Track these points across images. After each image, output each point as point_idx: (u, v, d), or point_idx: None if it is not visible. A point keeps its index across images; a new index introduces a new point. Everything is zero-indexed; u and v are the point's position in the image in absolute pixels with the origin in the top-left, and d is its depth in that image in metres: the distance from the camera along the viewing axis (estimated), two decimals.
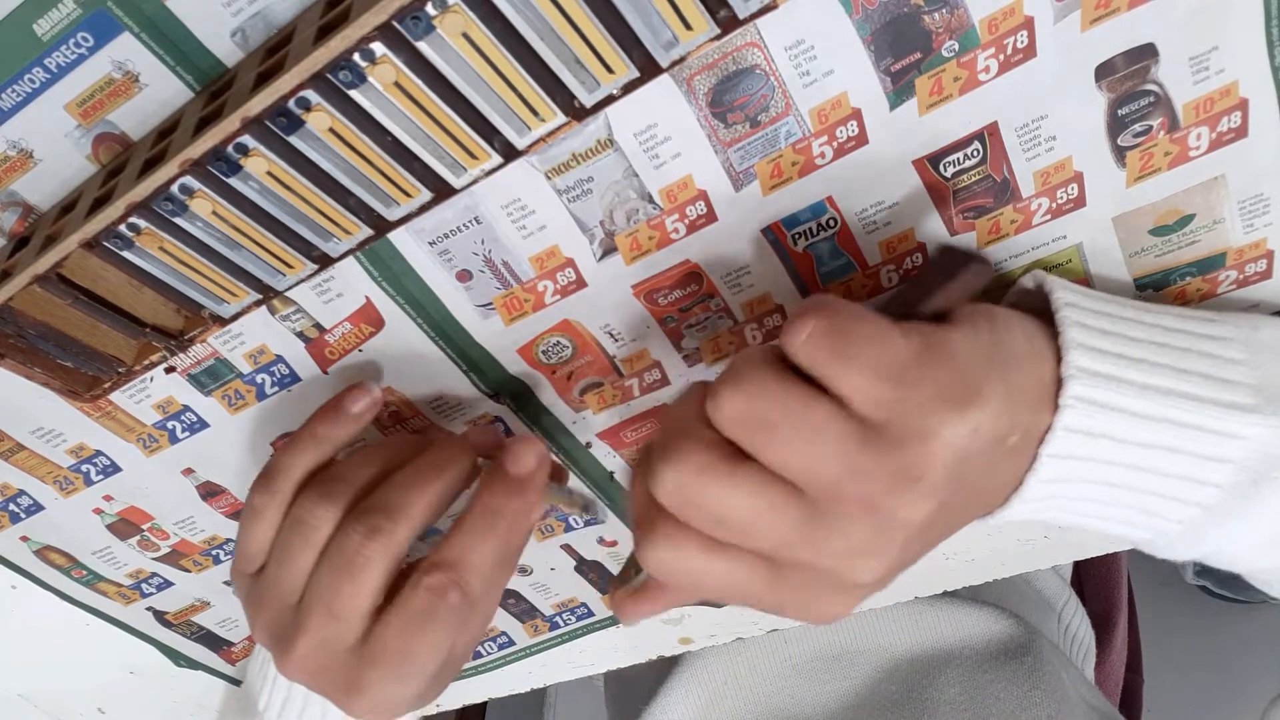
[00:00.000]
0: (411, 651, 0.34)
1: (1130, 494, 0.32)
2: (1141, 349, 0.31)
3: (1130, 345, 0.31)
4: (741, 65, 0.30)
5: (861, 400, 0.27)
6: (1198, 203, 0.33)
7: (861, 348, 0.27)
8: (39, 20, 0.28)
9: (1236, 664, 1.33)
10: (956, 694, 0.51)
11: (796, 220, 0.34)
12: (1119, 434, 0.31)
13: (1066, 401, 0.30)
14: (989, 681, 0.52)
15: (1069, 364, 0.30)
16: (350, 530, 0.33)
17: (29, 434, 0.41)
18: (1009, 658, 0.53)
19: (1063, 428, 0.30)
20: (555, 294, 0.36)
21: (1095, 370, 0.30)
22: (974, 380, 0.28)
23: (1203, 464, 0.31)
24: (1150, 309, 0.33)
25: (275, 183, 0.29)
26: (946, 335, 0.29)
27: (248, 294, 0.33)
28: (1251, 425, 0.30)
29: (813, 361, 0.27)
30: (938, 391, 0.27)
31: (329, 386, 0.39)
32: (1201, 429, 0.31)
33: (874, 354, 0.27)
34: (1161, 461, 0.31)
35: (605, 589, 0.50)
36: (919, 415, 0.27)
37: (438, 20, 0.26)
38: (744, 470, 0.28)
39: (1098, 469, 0.31)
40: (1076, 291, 0.32)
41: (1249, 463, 0.31)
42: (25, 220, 0.33)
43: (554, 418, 0.41)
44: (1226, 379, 0.31)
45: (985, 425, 0.28)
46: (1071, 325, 0.31)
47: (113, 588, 0.48)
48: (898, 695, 0.53)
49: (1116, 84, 0.30)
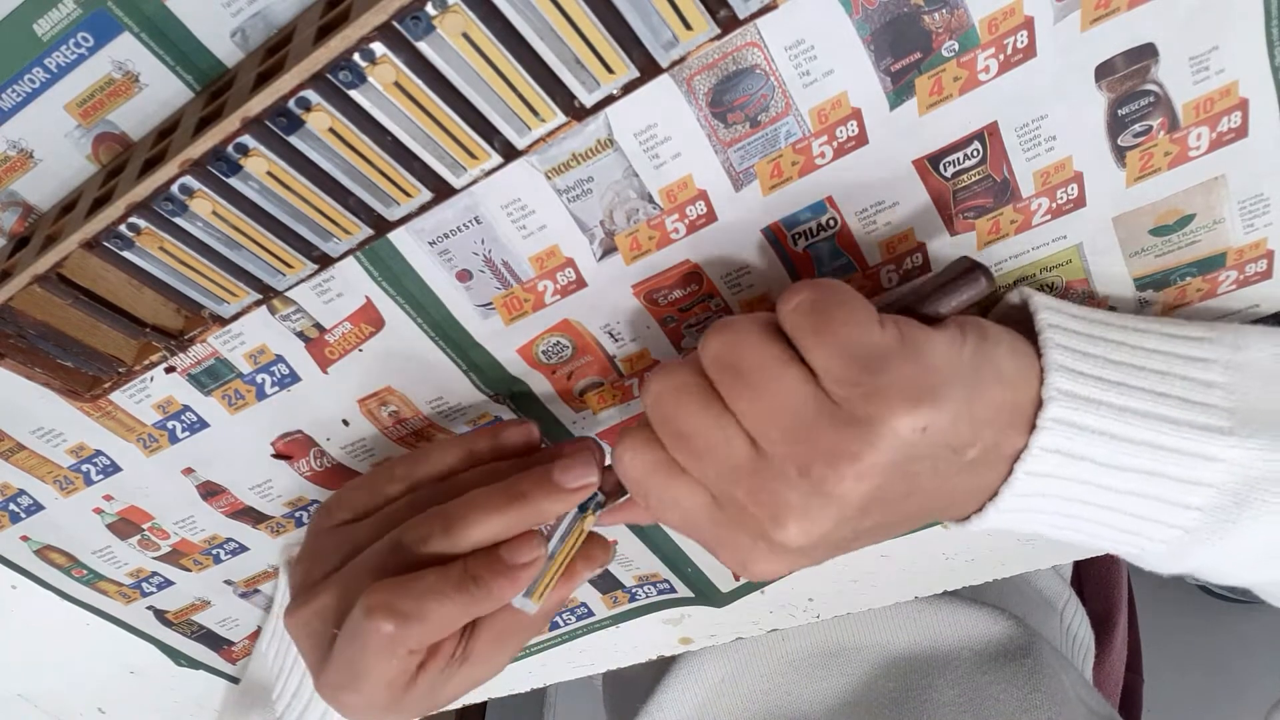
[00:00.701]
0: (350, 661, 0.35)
1: (1110, 514, 0.33)
2: (1121, 372, 0.32)
3: (1110, 368, 0.32)
4: (741, 65, 0.30)
5: (826, 375, 0.29)
6: (1198, 203, 0.33)
7: (839, 328, 0.29)
8: (39, 20, 0.28)
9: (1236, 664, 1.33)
10: (955, 695, 0.51)
11: (796, 220, 0.34)
12: (1097, 457, 0.31)
13: (1045, 423, 0.31)
14: (988, 683, 0.52)
15: (1049, 386, 0.31)
16: None
17: (29, 434, 0.41)
18: (1008, 660, 0.53)
19: (1039, 448, 0.31)
20: (555, 294, 0.36)
21: (1075, 393, 0.31)
22: (935, 383, 0.29)
23: (1181, 487, 0.32)
24: (1137, 327, 0.33)
25: (275, 183, 0.29)
26: (926, 336, 0.30)
27: (248, 294, 0.33)
28: (1228, 448, 0.31)
29: (795, 330, 0.30)
30: (896, 385, 0.29)
31: (329, 386, 0.39)
32: (1179, 451, 0.31)
33: (849, 337, 0.29)
34: (1140, 484, 0.32)
35: (605, 589, 0.50)
36: (873, 402, 0.29)
37: (438, 20, 0.26)
38: (718, 405, 0.30)
39: (1076, 488, 0.32)
40: (1061, 311, 0.33)
41: (1228, 485, 0.31)
42: (25, 220, 0.33)
43: (554, 418, 0.41)
44: (1203, 402, 0.31)
45: (936, 429, 0.29)
46: (1054, 347, 0.31)
47: (113, 587, 0.48)
48: (896, 693, 0.53)
49: (1116, 84, 0.30)
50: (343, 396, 0.40)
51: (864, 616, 0.56)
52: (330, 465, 0.43)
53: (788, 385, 0.29)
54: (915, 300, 0.32)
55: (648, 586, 0.50)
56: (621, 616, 0.52)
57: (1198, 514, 0.32)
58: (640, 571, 0.49)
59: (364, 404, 0.40)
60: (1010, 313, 0.35)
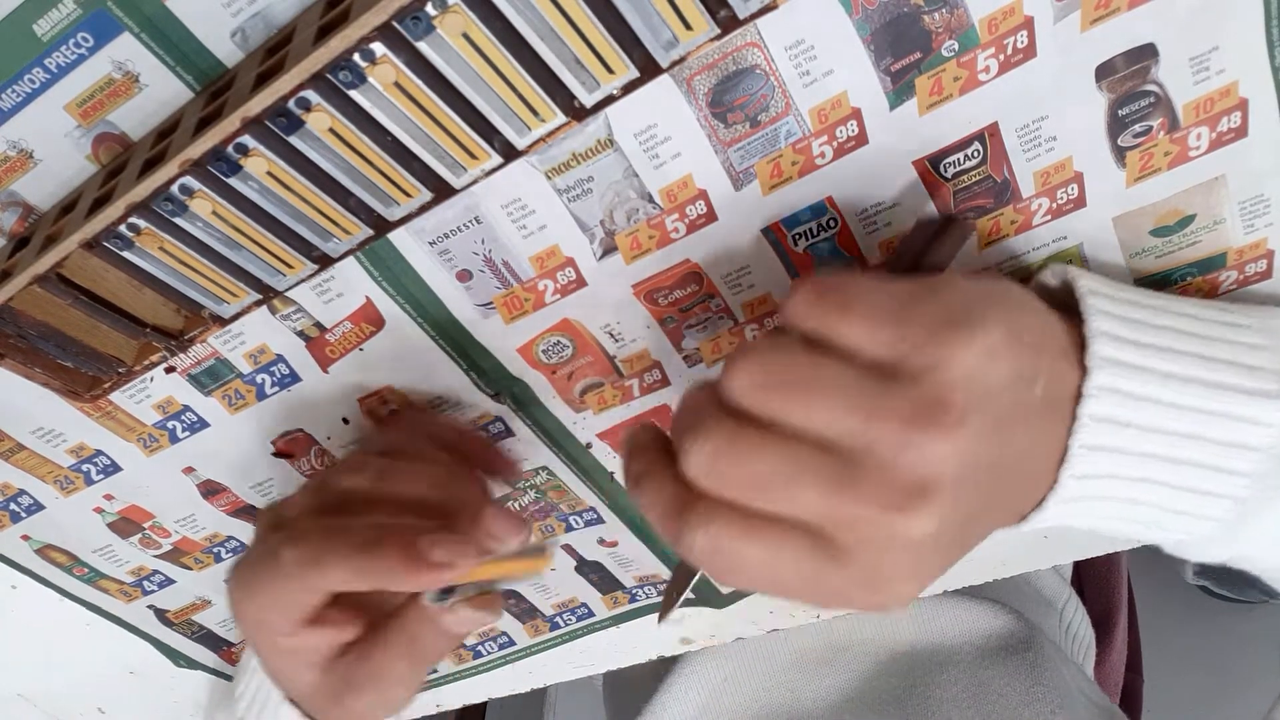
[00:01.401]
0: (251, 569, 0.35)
1: (1159, 490, 0.31)
2: (1166, 337, 0.31)
3: (1155, 333, 0.31)
4: (741, 65, 0.30)
5: (867, 345, 0.27)
6: (1198, 203, 0.33)
7: (855, 296, 0.27)
8: (39, 20, 0.28)
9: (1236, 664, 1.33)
10: (959, 691, 0.51)
11: (797, 220, 0.34)
12: (1145, 423, 0.30)
13: (1091, 391, 0.29)
14: (991, 678, 0.52)
15: (1093, 354, 0.29)
16: None
17: (29, 434, 0.41)
18: (1010, 654, 0.53)
19: (1089, 416, 0.29)
20: (555, 293, 0.36)
21: (1120, 359, 0.30)
22: (973, 307, 0.27)
23: (1228, 452, 0.31)
24: (1171, 298, 0.33)
25: (275, 183, 0.29)
26: (939, 279, 0.29)
27: (248, 294, 0.33)
28: (1275, 411, 0.30)
29: (813, 321, 0.28)
30: (939, 318, 0.27)
31: (329, 386, 0.39)
32: (1228, 415, 0.30)
33: (869, 300, 0.27)
34: (1188, 450, 0.30)
35: (605, 590, 0.50)
36: (927, 345, 0.27)
37: (438, 20, 0.26)
38: (773, 435, 0.27)
39: (1126, 462, 0.31)
40: (1100, 280, 0.32)
41: (1275, 449, 0.30)
42: (25, 220, 0.33)
43: (554, 418, 0.41)
44: (1252, 365, 0.31)
45: (1000, 351, 0.27)
46: (1096, 314, 0.30)
47: (114, 585, 0.48)
48: (899, 690, 0.53)
49: (1116, 84, 0.30)
50: (343, 395, 0.40)
51: (865, 614, 0.56)
52: (331, 464, 0.43)
53: (837, 374, 0.27)
54: (910, 263, 0.31)
55: (648, 587, 0.50)
56: (621, 617, 0.52)
57: (1245, 480, 0.31)
58: (640, 572, 0.49)
59: (364, 403, 0.40)
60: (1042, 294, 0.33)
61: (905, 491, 0.26)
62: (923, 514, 0.26)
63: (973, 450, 0.26)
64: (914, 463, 0.26)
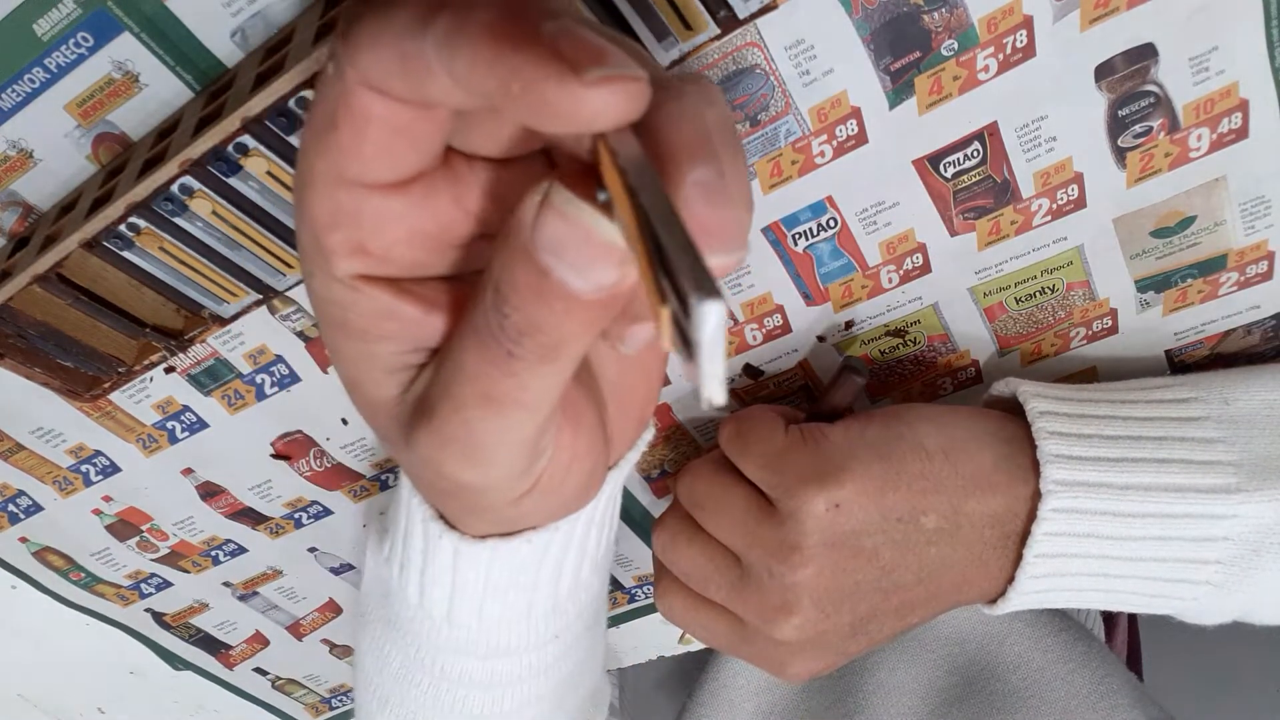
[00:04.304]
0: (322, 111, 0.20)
1: (1132, 581, 0.33)
2: (1120, 447, 0.32)
3: (1108, 445, 0.32)
4: (741, 65, 0.30)
5: (759, 482, 0.34)
6: (1199, 204, 0.33)
7: (751, 443, 0.34)
8: (39, 20, 0.28)
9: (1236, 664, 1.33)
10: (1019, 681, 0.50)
11: (796, 220, 0.34)
12: (1107, 533, 0.32)
13: (1045, 514, 0.32)
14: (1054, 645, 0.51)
15: (1046, 478, 0.32)
16: None
17: (29, 434, 0.41)
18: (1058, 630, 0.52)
19: (1044, 533, 0.32)
20: None
21: (1075, 480, 0.32)
22: (834, 464, 0.32)
23: (1197, 545, 0.32)
24: (1125, 399, 0.34)
25: (275, 182, 0.29)
26: (823, 430, 0.34)
27: (248, 294, 0.33)
28: (1238, 504, 0.31)
29: (730, 453, 0.35)
30: (799, 473, 0.33)
31: (329, 386, 0.39)
32: (1189, 515, 0.32)
33: (759, 448, 0.34)
34: (1155, 550, 0.32)
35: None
36: (791, 494, 0.33)
37: None
38: (701, 537, 0.35)
39: (1093, 564, 0.33)
40: (1049, 395, 0.34)
41: (1245, 536, 0.32)
42: (25, 220, 0.33)
43: None
44: (1207, 460, 0.32)
45: (848, 502, 0.32)
46: (1047, 436, 0.32)
47: (111, 589, 0.48)
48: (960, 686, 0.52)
49: (1116, 84, 0.30)
50: (343, 396, 0.39)
51: None
52: (330, 466, 0.43)
53: (736, 502, 0.34)
54: (815, 408, 0.37)
55: (648, 587, 0.50)
56: (621, 617, 0.52)
57: (1218, 568, 0.32)
58: (640, 572, 0.49)
59: None
60: (996, 402, 0.36)
61: (774, 607, 0.33)
62: (786, 625, 0.33)
63: (830, 578, 0.33)
64: (778, 587, 0.33)
